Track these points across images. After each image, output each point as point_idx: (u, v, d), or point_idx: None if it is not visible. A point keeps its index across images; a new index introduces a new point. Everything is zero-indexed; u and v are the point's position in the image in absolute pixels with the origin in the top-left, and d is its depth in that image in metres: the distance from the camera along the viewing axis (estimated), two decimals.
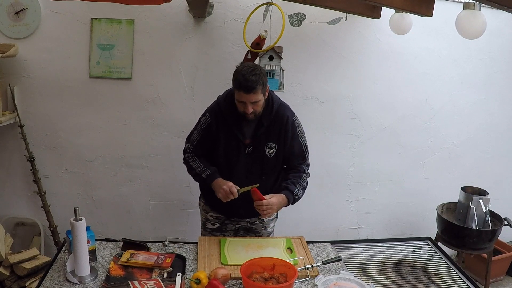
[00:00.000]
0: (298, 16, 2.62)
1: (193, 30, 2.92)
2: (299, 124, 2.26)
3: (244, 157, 2.18)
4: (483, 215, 2.87)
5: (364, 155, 3.32)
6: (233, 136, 2.16)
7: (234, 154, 2.19)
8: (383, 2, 2.18)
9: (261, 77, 2.00)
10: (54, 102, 2.96)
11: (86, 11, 2.84)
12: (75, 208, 1.75)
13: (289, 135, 2.19)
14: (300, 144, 2.24)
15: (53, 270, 1.86)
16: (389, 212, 3.49)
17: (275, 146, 2.18)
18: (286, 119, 2.18)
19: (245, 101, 2.02)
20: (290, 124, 2.19)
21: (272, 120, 2.15)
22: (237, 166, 2.20)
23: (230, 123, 2.14)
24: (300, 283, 1.85)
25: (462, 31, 2.26)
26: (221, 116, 2.16)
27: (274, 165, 2.23)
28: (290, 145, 2.21)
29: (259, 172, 2.21)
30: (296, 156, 2.25)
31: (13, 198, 3.10)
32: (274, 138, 2.18)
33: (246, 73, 1.97)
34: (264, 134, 2.16)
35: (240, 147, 2.17)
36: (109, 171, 3.12)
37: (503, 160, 3.54)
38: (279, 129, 2.17)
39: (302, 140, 2.25)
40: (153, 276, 1.84)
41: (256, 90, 1.98)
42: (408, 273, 2.09)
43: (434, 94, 3.27)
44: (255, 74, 1.98)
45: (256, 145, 2.17)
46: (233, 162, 2.20)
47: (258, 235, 2.39)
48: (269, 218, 2.37)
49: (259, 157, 2.19)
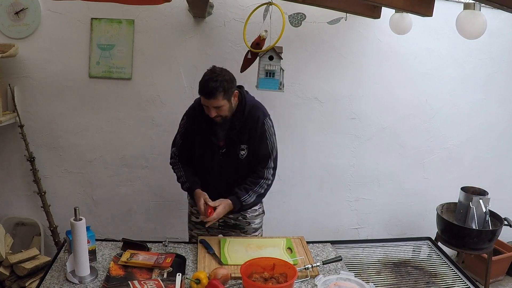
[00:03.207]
0: (298, 16, 2.62)
1: (193, 30, 2.93)
2: (270, 127, 2.26)
3: (219, 159, 2.23)
4: (483, 215, 2.87)
5: (364, 155, 3.32)
6: (208, 139, 2.21)
7: (209, 156, 2.24)
8: (383, 2, 2.18)
9: (223, 83, 2.03)
10: (54, 102, 2.96)
11: (86, 11, 2.84)
12: (75, 208, 1.75)
13: (257, 136, 2.21)
14: (267, 146, 2.24)
15: (53, 270, 1.86)
16: (389, 212, 3.49)
17: (246, 147, 2.22)
18: (257, 120, 2.20)
19: (207, 106, 2.07)
20: (260, 125, 2.20)
21: (243, 122, 2.19)
22: (213, 167, 2.25)
23: (204, 125, 2.20)
24: (300, 283, 1.85)
25: (462, 31, 2.26)
26: (196, 119, 2.23)
27: (247, 166, 2.25)
28: (257, 146, 2.22)
29: (233, 173, 2.25)
30: (260, 159, 2.24)
31: (13, 198, 3.10)
32: (245, 140, 2.21)
33: (207, 79, 2.04)
34: (237, 136, 2.20)
35: (214, 149, 2.22)
36: (109, 171, 3.12)
37: (503, 160, 3.54)
38: (250, 130, 2.20)
39: (270, 143, 2.25)
40: (153, 276, 1.84)
41: (216, 96, 2.02)
42: (408, 273, 2.09)
43: (434, 94, 3.27)
44: (216, 80, 2.02)
45: (229, 147, 2.21)
46: (209, 163, 2.26)
47: (243, 231, 2.40)
48: (252, 214, 2.39)
49: (232, 159, 2.22)
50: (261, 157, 2.23)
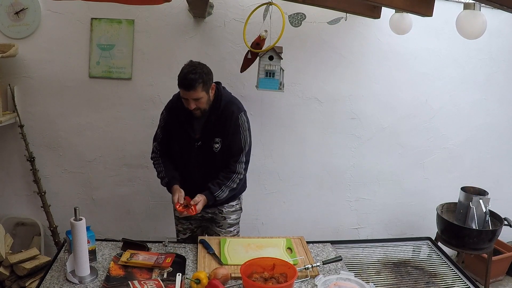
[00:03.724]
0: (298, 16, 2.62)
1: (193, 30, 2.93)
2: (245, 121, 2.29)
3: (195, 152, 2.28)
4: (483, 215, 2.87)
5: (364, 155, 3.32)
6: (185, 131, 2.28)
7: (186, 148, 2.30)
8: (383, 2, 2.18)
9: (202, 75, 2.09)
10: (54, 102, 2.96)
11: (86, 11, 2.84)
12: (75, 208, 1.75)
13: (230, 130, 2.24)
14: (240, 141, 2.27)
15: (53, 270, 1.86)
16: (389, 212, 3.49)
17: (220, 141, 2.25)
18: (231, 114, 2.24)
19: (187, 98, 2.12)
20: (234, 120, 2.24)
21: (219, 115, 2.23)
22: (189, 160, 2.31)
23: (182, 119, 2.27)
24: (300, 283, 1.85)
25: (462, 31, 2.26)
26: (175, 113, 2.30)
27: (222, 159, 2.29)
28: (230, 140, 2.26)
29: (209, 165, 2.30)
30: (233, 153, 2.28)
31: (13, 198, 3.10)
32: (220, 133, 2.25)
33: (186, 72, 2.09)
34: (212, 129, 2.25)
35: (191, 142, 2.28)
36: (109, 171, 3.12)
37: (503, 160, 3.54)
38: (224, 124, 2.24)
39: (243, 137, 2.28)
40: (153, 276, 1.84)
41: (195, 87, 2.08)
42: (408, 273, 2.09)
43: (434, 94, 3.27)
44: (195, 72, 2.08)
45: (204, 139, 2.26)
46: (186, 156, 2.32)
47: (218, 226, 2.44)
48: (228, 209, 2.43)
49: (207, 152, 2.27)
50: (234, 151, 2.27)
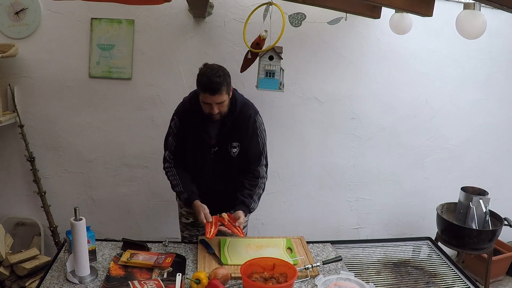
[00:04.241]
0: (298, 16, 2.62)
1: (193, 30, 2.93)
2: (261, 124, 2.26)
3: (211, 157, 2.22)
4: (483, 215, 2.87)
5: (364, 155, 3.32)
6: (199, 137, 2.19)
7: (201, 154, 2.23)
8: (383, 2, 2.18)
9: (225, 77, 2.04)
10: (54, 102, 2.96)
11: (86, 11, 2.84)
12: (75, 208, 1.75)
13: (248, 133, 2.21)
14: (258, 143, 2.24)
15: (53, 270, 1.86)
16: (389, 212, 3.49)
17: (238, 145, 2.21)
18: (248, 117, 2.20)
19: (210, 103, 2.04)
20: (252, 122, 2.21)
21: (235, 119, 2.18)
22: (204, 166, 2.24)
23: (196, 124, 2.18)
24: (300, 283, 1.85)
25: (462, 31, 2.26)
26: (187, 118, 2.20)
27: (239, 164, 2.25)
28: (248, 143, 2.22)
29: (226, 171, 2.25)
30: (253, 156, 2.24)
31: (13, 198, 3.10)
32: (236, 138, 2.20)
33: (210, 75, 2.01)
34: (228, 133, 2.19)
35: (206, 148, 2.21)
36: (109, 171, 3.12)
37: (503, 160, 3.54)
38: (241, 128, 2.19)
39: (261, 139, 2.25)
40: (153, 276, 1.84)
41: (221, 91, 2.02)
42: (408, 273, 2.09)
43: (434, 94, 3.27)
44: (219, 75, 2.01)
45: (221, 145, 2.20)
46: (201, 162, 2.24)
47: None
48: None
49: (224, 157, 2.22)
50: (254, 155, 2.24)
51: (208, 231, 1.99)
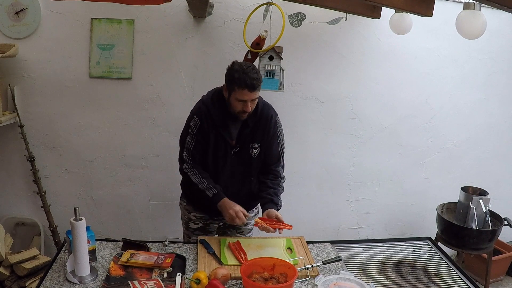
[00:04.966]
0: (298, 16, 2.62)
1: (193, 30, 2.93)
2: (280, 125, 2.27)
3: (231, 158, 2.19)
4: (483, 215, 2.87)
5: (364, 155, 3.32)
6: (221, 137, 2.15)
7: (221, 155, 2.18)
8: (383, 2, 2.18)
9: (260, 74, 2.05)
10: (54, 102, 2.96)
11: (86, 11, 2.84)
12: (75, 208, 1.75)
13: (270, 134, 2.21)
14: (278, 144, 2.25)
15: (53, 270, 1.86)
16: (389, 212, 3.49)
17: (259, 146, 2.21)
18: (270, 118, 2.20)
19: (246, 100, 2.02)
20: (273, 124, 2.21)
21: (257, 120, 2.17)
22: (224, 167, 2.21)
23: (218, 123, 2.13)
24: (300, 283, 1.85)
25: (462, 31, 2.26)
26: (209, 117, 2.13)
27: (258, 164, 2.26)
28: (269, 144, 2.22)
29: (245, 172, 2.24)
30: (272, 156, 2.25)
31: (13, 198, 3.10)
32: (258, 138, 2.20)
33: (249, 72, 1.99)
34: (249, 134, 2.18)
35: (227, 148, 2.17)
36: (109, 171, 3.12)
37: (503, 160, 3.54)
38: (263, 128, 2.19)
39: (280, 140, 2.26)
40: (153, 276, 1.84)
41: (259, 87, 2.04)
42: (408, 273, 2.09)
43: (434, 94, 3.27)
44: (256, 72, 2.03)
45: (242, 145, 2.18)
46: (221, 163, 2.20)
47: (239, 232, 2.42)
48: (250, 215, 2.34)
49: (244, 157, 2.20)
50: (274, 155, 2.25)
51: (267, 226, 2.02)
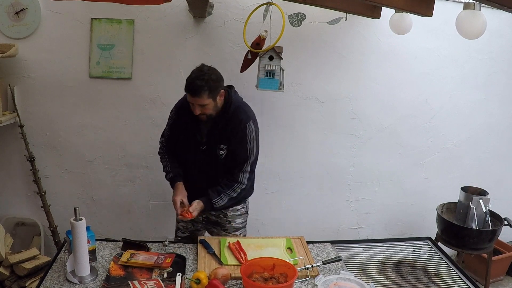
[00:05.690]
0: (298, 16, 2.62)
1: (193, 30, 2.93)
2: (252, 131, 2.22)
3: (199, 155, 2.25)
4: (483, 215, 2.87)
5: (364, 155, 3.32)
6: (191, 133, 2.25)
7: (190, 150, 2.28)
8: (383, 2, 2.18)
9: (208, 82, 2.05)
10: (54, 102, 2.96)
11: (86, 11, 2.84)
12: (75, 208, 1.75)
13: (237, 138, 2.21)
14: (245, 149, 2.22)
15: (53, 270, 1.86)
16: (389, 212, 3.49)
17: (226, 147, 2.22)
18: (239, 122, 2.20)
19: (193, 103, 2.10)
20: (242, 128, 2.20)
21: (226, 122, 2.19)
22: (194, 162, 2.29)
23: (190, 120, 2.22)
24: (300, 283, 1.85)
25: (462, 31, 2.26)
26: (184, 113, 2.25)
27: (226, 166, 2.25)
28: (236, 147, 2.22)
29: (212, 170, 2.27)
30: (237, 162, 2.24)
31: (13, 198, 3.10)
32: (225, 140, 2.21)
33: (194, 76, 2.07)
34: (218, 135, 2.21)
35: (196, 145, 2.26)
36: (109, 171, 3.12)
37: (503, 160, 3.54)
38: (231, 131, 2.20)
39: (249, 147, 2.23)
40: (153, 276, 1.84)
41: (201, 94, 2.05)
42: (408, 273, 2.09)
43: (434, 94, 3.27)
44: (202, 79, 2.05)
45: (210, 144, 2.23)
46: (190, 158, 2.30)
47: (223, 229, 2.42)
48: (233, 213, 2.39)
49: (211, 157, 2.24)
50: (239, 159, 2.23)
51: (180, 213, 2.16)
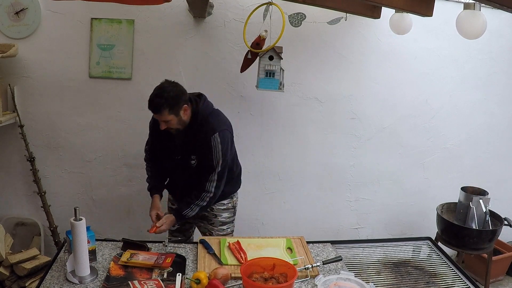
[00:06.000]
0: (298, 16, 2.62)
1: (193, 30, 2.93)
2: (219, 143, 2.21)
3: (176, 164, 2.34)
4: (483, 215, 2.87)
5: (364, 155, 3.32)
6: (166, 145, 2.33)
7: (167, 159, 2.37)
8: (383, 2, 2.18)
9: (168, 100, 2.08)
10: (54, 102, 2.96)
11: (86, 11, 2.84)
12: (75, 208, 1.75)
13: (203, 150, 2.24)
14: (211, 160, 2.23)
15: (53, 270, 1.86)
16: (389, 212, 3.49)
17: (195, 158, 2.27)
18: (204, 136, 2.22)
19: (157, 118, 2.17)
20: (206, 142, 2.22)
21: (195, 133, 2.23)
22: (172, 168, 2.39)
23: (163, 132, 2.24)
24: (300, 283, 1.85)
25: (462, 31, 2.26)
26: (157, 123, 2.23)
27: (197, 174, 2.30)
28: (202, 158, 2.26)
29: (187, 178, 2.34)
30: (204, 172, 2.27)
31: (13, 198, 3.10)
32: (195, 151, 2.26)
33: (154, 94, 2.11)
34: (189, 145, 2.26)
35: (172, 154, 2.33)
36: (109, 171, 3.12)
37: (503, 160, 3.54)
38: (199, 142, 2.23)
39: (216, 158, 2.23)
40: (153, 276, 1.84)
41: (161, 112, 2.09)
42: (408, 273, 2.09)
43: (434, 94, 3.27)
44: (162, 96, 2.08)
45: (183, 155, 2.29)
46: (169, 165, 2.40)
47: (210, 223, 2.46)
48: (219, 207, 2.46)
49: (185, 166, 2.30)
50: (205, 170, 2.27)
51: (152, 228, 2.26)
